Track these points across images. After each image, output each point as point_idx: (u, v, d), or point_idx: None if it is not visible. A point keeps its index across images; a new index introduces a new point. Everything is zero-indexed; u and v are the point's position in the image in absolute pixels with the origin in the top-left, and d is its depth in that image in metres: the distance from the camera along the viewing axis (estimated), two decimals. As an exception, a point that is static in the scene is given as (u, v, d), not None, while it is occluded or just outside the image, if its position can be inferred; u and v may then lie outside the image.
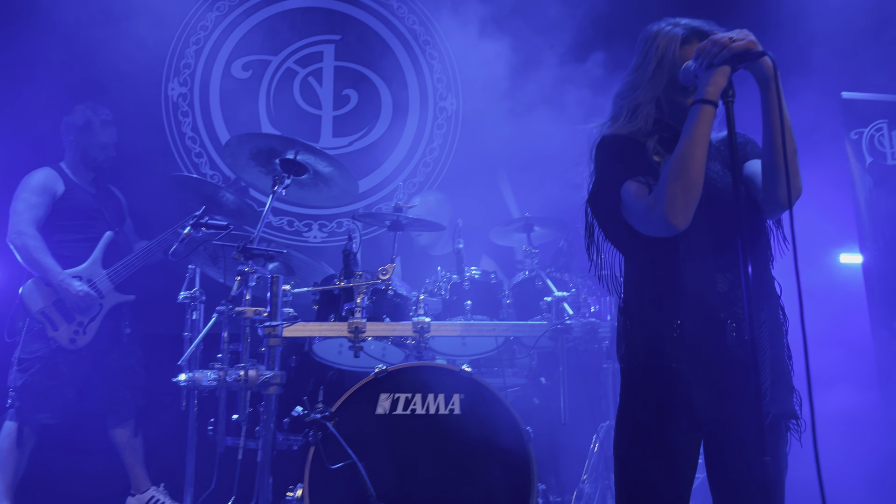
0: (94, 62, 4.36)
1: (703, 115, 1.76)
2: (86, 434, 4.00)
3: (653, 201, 1.79)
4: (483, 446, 2.90)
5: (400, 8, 5.11)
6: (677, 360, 1.83)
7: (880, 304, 4.33)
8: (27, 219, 3.83)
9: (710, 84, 1.75)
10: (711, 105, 1.77)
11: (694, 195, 1.76)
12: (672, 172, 1.77)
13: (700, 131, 1.76)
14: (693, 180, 1.75)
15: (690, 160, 1.75)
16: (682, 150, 1.77)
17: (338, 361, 3.46)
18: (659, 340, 1.87)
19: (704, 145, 1.77)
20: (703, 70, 1.78)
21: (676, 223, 1.77)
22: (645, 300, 1.93)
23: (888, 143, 4.51)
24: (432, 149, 5.06)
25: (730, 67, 1.75)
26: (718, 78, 1.75)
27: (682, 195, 1.75)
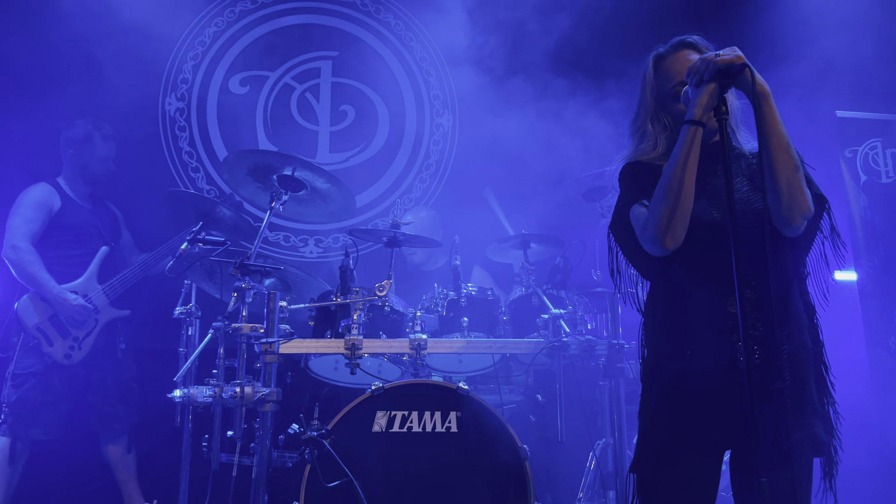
0: (91, 77, 4.38)
1: (689, 136, 1.78)
2: (79, 450, 3.97)
3: (644, 223, 1.84)
4: (480, 464, 2.89)
5: (397, 25, 5.14)
6: (689, 381, 1.85)
7: (875, 322, 4.35)
8: (23, 233, 3.83)
9: (696, 105, 1.77)
10: (698, 125, 1.78)
11: (680, 215, 1.77)
12: (658, 194, 1.80)
13: (684, 152, 1.77)
14: (678, 201, 1.76)
15: (675, 181, 1.77)
16: (668, 172, 1.79)
17: (334, 378, 3.45)
18: (670, 362, 1.89)
19: (691, 165, 1.77)
20: (692, 89, 1.80)
21: (665, 243, 1.79)
22: (658, 322, 1.95)
23: (882, 162, 4.55)
24: (428, 165, 5.07)
25: (717, 85, 1.74)
26: (703, 98, 1.76)
27: (666, 216, 1.77)
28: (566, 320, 3.30)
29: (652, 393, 1.95)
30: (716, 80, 1.74)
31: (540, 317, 3.36)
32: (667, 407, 1.88)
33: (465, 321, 3.35)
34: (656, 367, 1.94)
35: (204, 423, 3.43)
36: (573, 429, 3.25)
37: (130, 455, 3.95)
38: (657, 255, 1.87)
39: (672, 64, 1.98)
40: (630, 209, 1.94)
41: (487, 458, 2.89)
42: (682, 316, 1.89)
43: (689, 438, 1.83)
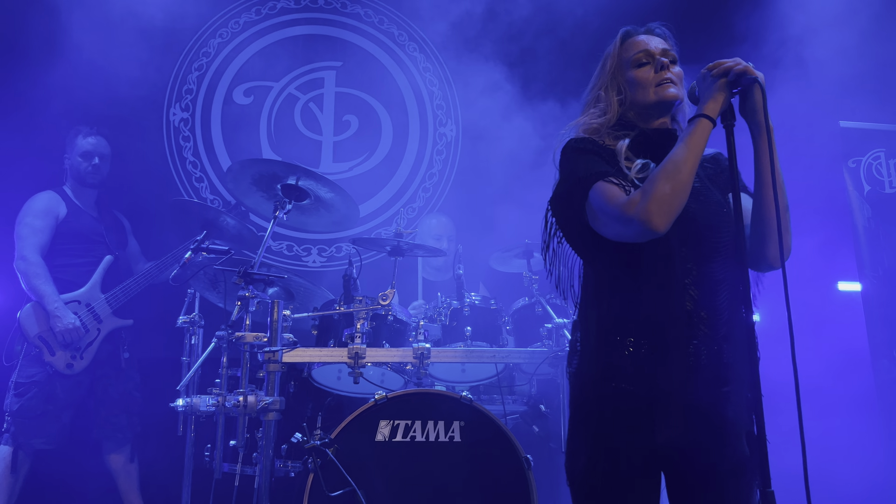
0: (97, 87, 4.40)
1: (700, 128, 1.73)
2: (81, 459, 3.96)
3: (635, 198, 1.70)
4: (483, 474, 2.88)
5: (400, 35, 5.16)
6: (633, 383, 1.74)
7: (880, 332, 4.34)
8: (32, 244, 3.84)
9: (710, 100, 1.74)
10: (709, 120, 1.74)
11: (680, 200, 1.69)
12: (664, 172, 1.70)
13: (695, 141, 1.72)
14: (683, 184, 1.69)
15: (683, 165, 1.70)
16: (677, 155, 1.72)
17: (337, 387, 3.44)
18: (614, 358, 1.77)
19: (697, 156, 1.73)
20: (702, 85, 1.78)
21: (657, 223, 1.67)
22: (603, 312, 1.83)
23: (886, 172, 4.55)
24: (432, 174, 5.08)
25: (727, 87, 1.74)
26: (717, 95, 1.74)
27: (669, 196, 1.67)
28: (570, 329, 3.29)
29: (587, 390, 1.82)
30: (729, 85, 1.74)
31: (543, 326, 3.36)
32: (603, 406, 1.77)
33: (469, 330, 3.35)
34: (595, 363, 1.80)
35: (207, 432, 3.42)
36: (577, 439, 3.22)
37: (133, 464, 3.94)
38: (634, 238, 1.75)
39: (638, 41, 1.98)
40: (591, 186, 1.80)
41: (490, 467, 2.88)
42: (631, 308, 1.78)
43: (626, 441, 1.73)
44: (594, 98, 2.01)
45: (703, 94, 1.78)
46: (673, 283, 1.77)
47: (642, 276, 1.79)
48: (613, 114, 1.95)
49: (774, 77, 4.29)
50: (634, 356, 1.75)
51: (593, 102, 2.00)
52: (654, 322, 1.76)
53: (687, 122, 1.79)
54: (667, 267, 1.78)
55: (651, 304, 1.77)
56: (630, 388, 1.74)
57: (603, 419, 1.77)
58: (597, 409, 1.78)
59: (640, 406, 1.74)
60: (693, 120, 1.76)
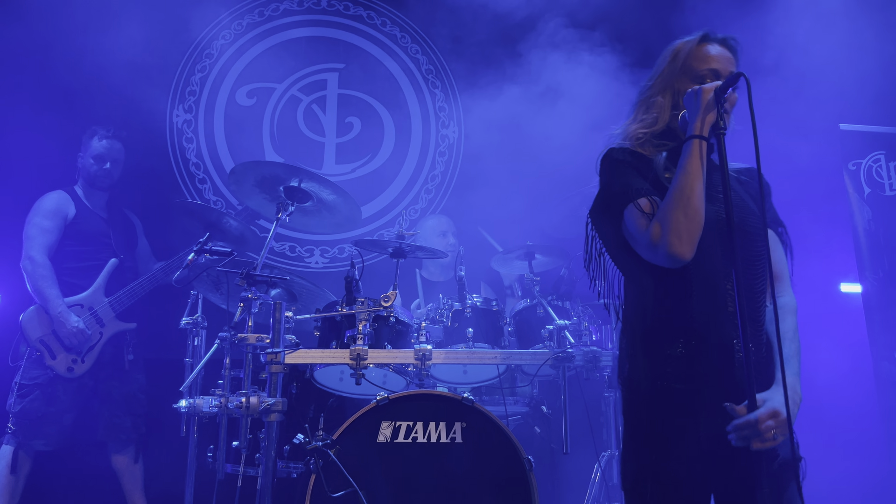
0: (101, 88, 4.42)
1: (694, 150, 1.79)
2: (86, 460, 3.98)
3: (656, 234, 1.77)
4: (484, 475, 2.89)
5: (403, 38, 5.18)
6: (684, 381, 1.80)
7: (881, 334, 4.35)
8: (39, 244, 3.85)
9: (698, 119, 1.81)
10: (701, 139, 1.80)
11: (696, 225, 1.76)
12: (674, 203, 1.77)
13: (693, 164, 1.78)
14: (695, 210, 1.76)
15: (689, 191, 1.76)
16: (681, 183, 1.78)
17: (339, 388, 3.46)
18: (665, 361, 1.82)
19: (699, 177, 1.78)
20: (691, 105, 1.84)
21: (682, 253, 1.75)
22: (651, 320, 1.88)
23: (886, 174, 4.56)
24: (434, 176, 5.10)
25: (715, 100, 1.80)
26: (706, 110, 1.80)
27: (685, 225, 1.75)
28: (571, 331, 3.31)
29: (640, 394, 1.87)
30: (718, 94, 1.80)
31: (545, 328, 3.37)
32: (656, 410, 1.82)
33: (470, 332, 3.36)
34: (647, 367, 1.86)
35: (209, 433, 3.43)
36: (578, 440, 3.25)
37: (137, 465, 3.96)
38: (668, 266, 1.81)
39: (711, 55, 1.96)
40: (625, 208, 1.87)
41: (492, 468, 2.89)
42: (679, 314, 1.83)
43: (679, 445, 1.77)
44: (647, 102, 2.02)
45: (692, 115, 1.84)
46: (717, 287, 1.82)
47: (687, 283, 1.84)
48: (662, 124, 1.98)
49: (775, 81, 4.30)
50: (682, 356, 1.81)
51: (645, 107, 2.02)
52: (701, 324, 1.81)
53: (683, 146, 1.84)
54: (711, 274, 1.83)
55: (696, 308, 1.83)
56: (680, 385, 1.80)
57: (655, 419, 1.82)
58: (648, 409, 1.84)
59: (690, 402, 1.78)
60: (686, 142, 1.82)
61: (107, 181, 4.12)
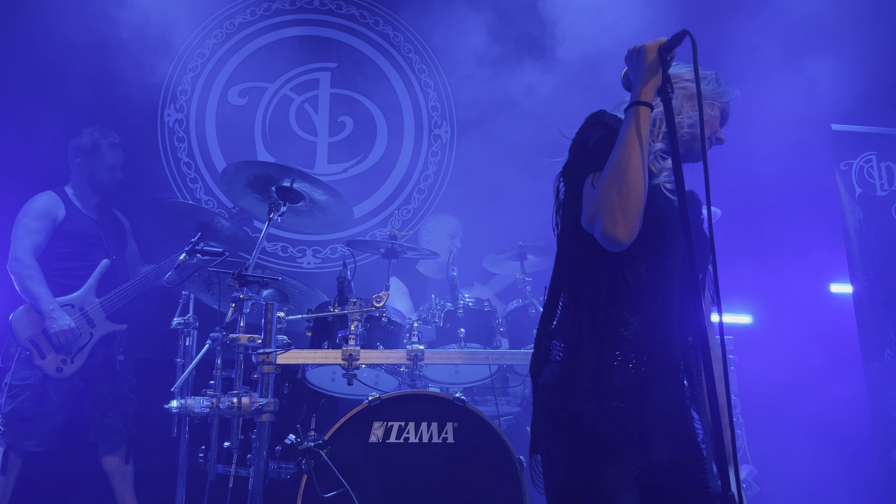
0: (92, 88, 4.41)
1: (637, 117, 1.63)
2: (76, 461, 3.96)
3: (591, 211, 1.62)
4: (476, 475, 2.89)
5: (396, 37, 5.17)
6: (624, 400, 1.65)
7: (871, 334, 4.37)
8: (26, 245, 3.84)
9: (641, 83, 1.67)
10: (646, 106, 1.65)
11: (632, 203, 1.58)
12: (606, 179, 1.61)
13: (631, 134, 1.62)
14: (629, 187, 1.58)
15: (625, 164, 1.59)
16: (615, 156, 1.62)
17: (331, 389, 3.45)
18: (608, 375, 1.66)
19: (641, 150, 1.61)
20: (634, 67, 1.70)
21: (616, 235, 1.57)
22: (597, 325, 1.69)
23: (877, 175, 4.58)
24: (427, 176, 5.09)
25: (658, 60, 1.66)
26: (649, 72, 1.66)
27: (618, 203, 1.57)
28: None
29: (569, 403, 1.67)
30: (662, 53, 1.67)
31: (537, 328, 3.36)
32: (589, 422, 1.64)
33: (463, 332, 3.36)
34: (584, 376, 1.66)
35: (201, 433, 3.42)
36: (570, 440, 3.24)
37: (128, 466, 3.94)
38: (608, 249, 1.63)
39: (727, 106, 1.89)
40: (587, 171, 1.70)
41: (483, 469, 2.90)
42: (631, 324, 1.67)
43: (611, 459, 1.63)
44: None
45: (635, 78, 1.69)
46: (670, 304, 1.69)
47: (644, 293, 1.69)
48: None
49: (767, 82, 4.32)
50: (630, 375, 1.66)
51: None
52: (652, 341, 1.67)
53: (624, 112, 1.68)
54: (667, 287, 1.69)
55: (651, 322, 1.68)
56: (622, 405, 1.64)
57: (588, 435, 1.65)
58: (582, 424, 1.65)
59: (629, 424, 1.64)
60: (629, 109, 1.66)
61: (114, 187, 4.16)
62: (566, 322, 1.74)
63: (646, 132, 1.64)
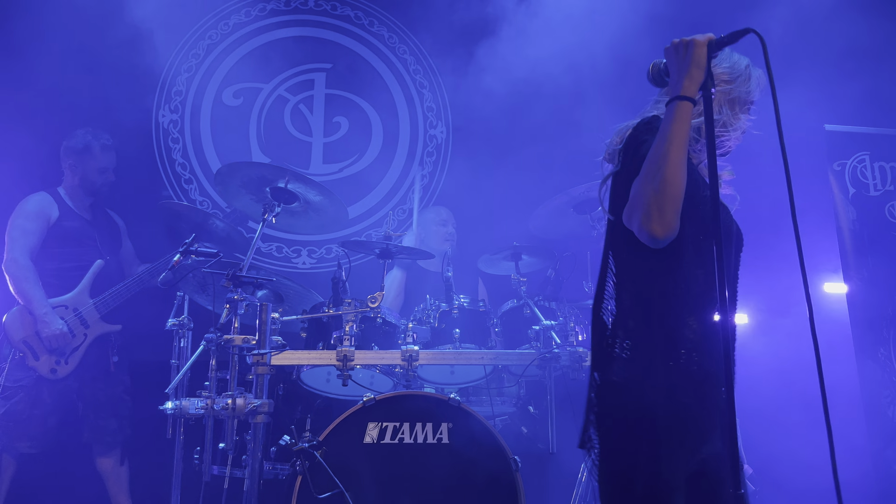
0: (86, 88, 4.40)
1: (680, 113, 1.61)
2: (71, 462, 3.95)
3: (629, 208, 1.62)
4: (471, 476, 2.89)
5: (391, 38, 5.17)
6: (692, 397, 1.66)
7: (865, 334, 4.38)
8: (21, 246, 3.83)
9: (686, 76, 1.63)
10: (689, 101, 1.62)
11: (669, 198, 1.56)
12: (644, 174, 1.60)
13: (676, 130, 1.60)
14: (665, 182, 1.56)
15: (664, 161, 1.57)
16: (655, 150, 1.60)
17: (326, 390, 3.45)
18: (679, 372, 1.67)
19: (682, 145, 1.60)
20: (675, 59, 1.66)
21: (653, 231, 1.57)
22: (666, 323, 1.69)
23: (870, 175, 4.60)
24: (422, 176, 5.09)
25: (707, 56, 1.62)
26: (695, 66, 1.62)
27: (653, 199, 1.56)
28: (557, 331, 3.32)
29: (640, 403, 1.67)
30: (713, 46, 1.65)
31: (531, 328, 3.38)
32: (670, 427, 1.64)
33: (457, 332, 3.36)
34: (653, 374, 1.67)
35: (196, 435, 3.42)
36: (565, 440, 3.26)
37: (123, 467, 3.94)
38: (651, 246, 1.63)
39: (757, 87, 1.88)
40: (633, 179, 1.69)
41: (478, 469, 2.90)
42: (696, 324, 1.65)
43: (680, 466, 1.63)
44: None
45: (676, 71, 1.66)
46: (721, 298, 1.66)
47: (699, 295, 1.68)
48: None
49: (760, 81, 4.32)
50: (693, 372, 1.66)
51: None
52: (712, 337, 1.66)
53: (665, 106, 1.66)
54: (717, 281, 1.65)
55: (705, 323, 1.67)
56: (690, 401, 1.65)
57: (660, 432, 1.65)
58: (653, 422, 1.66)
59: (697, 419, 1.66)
60: (671, 103, 1.63)
61: (106, 188, 4.14)
62: (629, 322, 1.73)
63: (687, 128, 1.61)
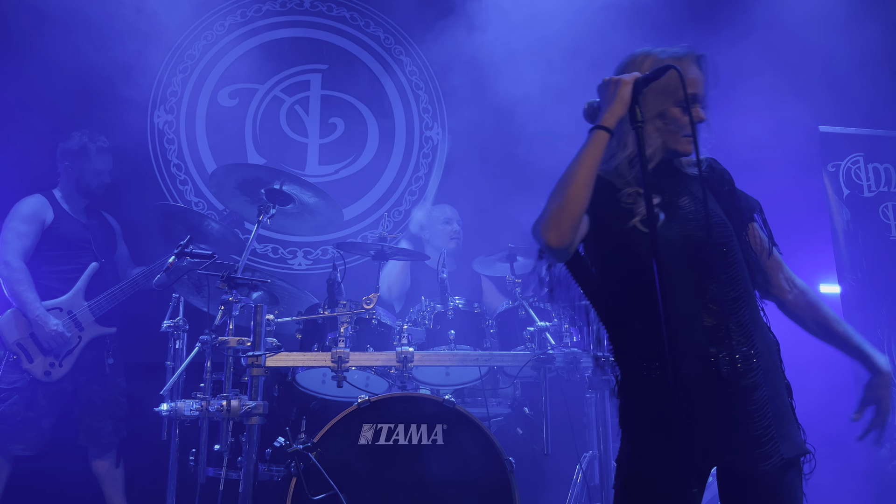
0: (82, 89, 4.39)
1: (594, 140, 1.75)
2: (66, 465, 3.94)
3: (536, 221, 1.76)
4: (466, 477, 2.90)
5: (387, 39, 5.18)
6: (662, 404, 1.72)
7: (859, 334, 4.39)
8: (14, 248, 3.82)
9: (609, 110, 1.75)
10: (606, 131, 1.74)
11: (568, 213, 1.71)
12: (556, 189, 1.74)
13: (587, 154, 1.74)
14: (571, 198, 1.71)
15: (572, 180, 1.72)
16: (568, 171, 1.75)
17: (321, 391, 3.45)
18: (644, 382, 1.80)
19: (590, 169, 1.73)
20: (604, 94, 1.78)
21: (549, 240, 1.72)
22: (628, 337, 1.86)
23: (864, 176, 4.61)
24: (418, 178, 5.10)
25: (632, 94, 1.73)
26: (618, 107, 1.74)
27: (555, 212, 1.71)
28: (552, 333, 3.32)
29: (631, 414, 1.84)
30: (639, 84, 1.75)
31: (526, 329, 3.38)
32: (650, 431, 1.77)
33: (452, 334, 3.37)
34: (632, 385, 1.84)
35: (191, 436, 3.42)
36: (560, 441, 3.26)
37: (118, 470, 3.93)
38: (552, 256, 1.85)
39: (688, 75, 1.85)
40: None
41: (473, 470, 2.90)
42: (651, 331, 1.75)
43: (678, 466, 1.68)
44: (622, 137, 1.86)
45: (603, 105, 1.78)
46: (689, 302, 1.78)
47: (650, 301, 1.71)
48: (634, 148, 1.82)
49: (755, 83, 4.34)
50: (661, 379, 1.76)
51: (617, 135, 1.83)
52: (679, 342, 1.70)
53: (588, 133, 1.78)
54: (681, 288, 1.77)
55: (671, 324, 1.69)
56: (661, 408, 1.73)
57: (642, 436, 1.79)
58: (636, 426, 1.81)
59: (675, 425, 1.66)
60: (591, 131, 1.77)
61: (101, 191, 4.13)
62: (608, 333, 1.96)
63: (598, 154, 1.75)
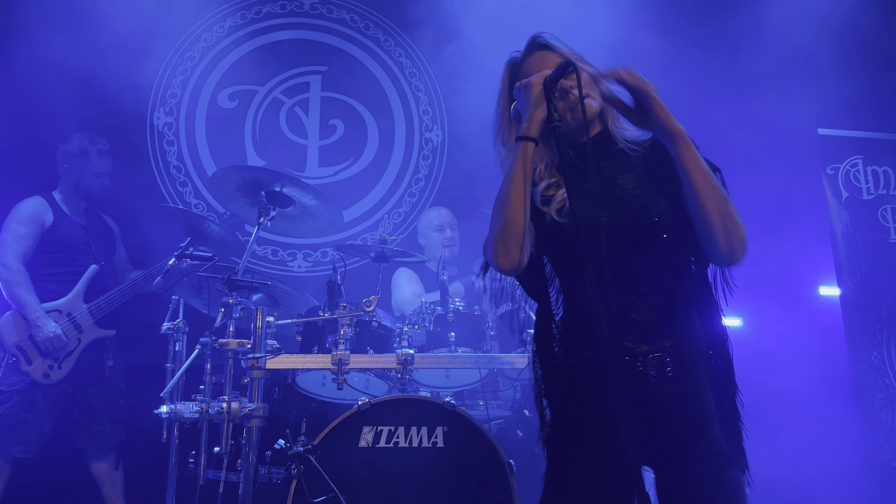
0: (81, 91, 4.39)
1: (520, 153, 1.70)
2: (66, 467, 3.94)
3: (485, 244, 1.77)
4: (466, 480, 2.89)
5: (387, 41, 5.18)
6: (592, 394, 1.70)
7: (858, 337, 4.40)
8: (13, 251, 3.81)
9: (527, 120, 1.70)
10: (530, 141, 1.70)
11: (510, 235, 1.69)
12: (493, 213, 1.73)
13: (516, 170, 1.70)
14: (509, 221, 1.69)
15: (506, 201, 1.70)
16: (501, 191, 1.72)
17: (321, 393, 3.45)
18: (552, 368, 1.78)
19: (522, 185, 1.69)
20: (521, 100, 1.74)
21: (500, 264, 1.72)
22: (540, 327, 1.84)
23: (863, 179, 4.62)
24: (418, 179, 5.10)
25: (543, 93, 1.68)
26: (534, 112, 1.69)
27: (499, 235, 1.70)
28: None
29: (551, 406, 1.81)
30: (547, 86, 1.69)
31: (527, 331, 3.38)
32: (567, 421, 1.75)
33: (453, 336, 3.36)
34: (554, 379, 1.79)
35: (191, 438, 3.41)
36: (560, 444, 3.25)
37: (118, 472, 3.93)
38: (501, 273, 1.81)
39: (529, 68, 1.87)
40: None
41: (473, 473, 2.90)
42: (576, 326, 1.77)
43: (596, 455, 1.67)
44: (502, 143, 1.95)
45: (523, 111, 1.73)
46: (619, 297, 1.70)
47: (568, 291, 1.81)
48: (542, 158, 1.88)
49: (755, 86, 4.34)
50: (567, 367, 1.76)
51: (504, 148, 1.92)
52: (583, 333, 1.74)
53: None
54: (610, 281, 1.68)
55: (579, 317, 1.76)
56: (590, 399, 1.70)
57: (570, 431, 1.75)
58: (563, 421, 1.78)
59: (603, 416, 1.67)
60: (515, 143, 1.73)
61: (101, 193, 4.13)
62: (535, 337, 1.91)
63: (529, 167, 1.71)
